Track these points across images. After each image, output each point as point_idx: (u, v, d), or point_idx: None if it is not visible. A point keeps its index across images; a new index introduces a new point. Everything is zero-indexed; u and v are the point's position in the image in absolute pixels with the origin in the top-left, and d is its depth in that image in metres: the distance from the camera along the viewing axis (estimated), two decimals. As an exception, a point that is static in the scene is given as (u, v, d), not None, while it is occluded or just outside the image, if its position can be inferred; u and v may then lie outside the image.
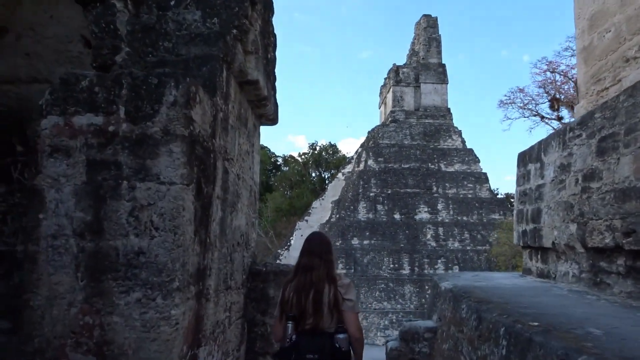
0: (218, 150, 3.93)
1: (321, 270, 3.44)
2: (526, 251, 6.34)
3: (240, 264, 4.99)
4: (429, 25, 37.45)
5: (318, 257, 3.50)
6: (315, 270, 3.44)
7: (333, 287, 3.39)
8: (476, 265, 32.52)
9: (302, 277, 3.46)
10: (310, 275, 3.43)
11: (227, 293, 4.43)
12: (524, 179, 6.24)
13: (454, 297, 4.71)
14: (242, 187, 4.95)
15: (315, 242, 3.65)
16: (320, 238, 3.73)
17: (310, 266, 3.47)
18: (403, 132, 36.29)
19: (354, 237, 32.46)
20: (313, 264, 3.47)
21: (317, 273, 3.43)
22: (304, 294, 3.38)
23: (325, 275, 3.43)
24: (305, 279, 3.43)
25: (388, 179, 34.73)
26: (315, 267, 3.45)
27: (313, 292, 3.37)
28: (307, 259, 3.53)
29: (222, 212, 4.09)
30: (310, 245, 3.62)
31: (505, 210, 35.25)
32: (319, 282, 3.39)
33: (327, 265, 3.49)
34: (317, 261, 3.48)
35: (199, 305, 3.50)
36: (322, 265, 3.47)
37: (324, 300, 3.34)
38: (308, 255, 3.55)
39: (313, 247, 3.59)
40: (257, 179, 5.97)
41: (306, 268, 3.49)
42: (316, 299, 3.34)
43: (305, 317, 3.36)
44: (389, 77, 38.22)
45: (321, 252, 3.54)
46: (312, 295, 3.35)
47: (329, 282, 3.41)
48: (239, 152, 4.83)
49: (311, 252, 3.55)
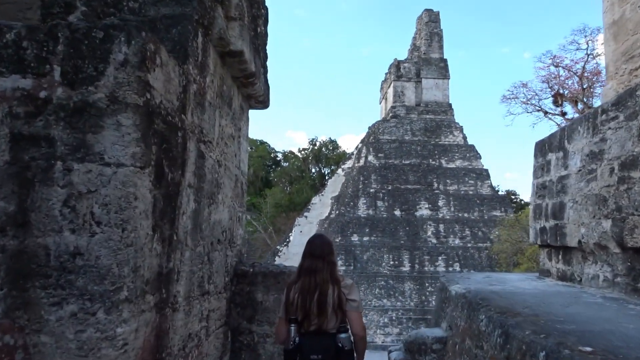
0: (190, 129, 3.23)
1: (325, 272, 3.44)
2: (544, 250, 5.66)
3: (222, 264, 4.30)
4: (431, 20, 36.67)
5: (321, 259, 3.49)
6: (318, 272, 3.44)
7: (337, 288, 3.41)
8: (477, 263, 31.85)
9: (306, 279, 3.44)
10: (315, 277, 3.42)
11: (204, 299, 3.75)
12: (543, 171, 5.55)
13: (469, 305, 4.03)
14: (224, 176, 4.25)
15: (318, 244, 3.62)
16: (322, 240, 3.70)
17: (313, 268, 3.46)
18: (404, 128, 35.57)
19: (354, 234, 31.79)
20: (316, 266, 3.46)
21: (321, 275, 3.43)
22: (309, 296, 3.38)
23: (329, 277, 3.44)
24: (310, 281, 3.42)
25: (388, 175, 34.03)
26: (318, 269, 3.45)
27: (318, 293, 3.37)
28: (310, 261, 3.51)
29: (195, 204, 3.40)
30: (313, 247, 3.59)
31: (506, 207, 34.57)
32: (323, 284, 3.40)
33: (330, 267, 3.49)
34: (320, 263, 3.47)
35: (161, 317, 2.81)
36: (325, 267, 3.46)
37: (329, 301, 3.36)
38: (311, 257, 3.53)
39: (315, 249, 3.57)
40: (245, 168, 5.27)
41: (310, 270, 3.47)
42: (321, 300, 3.36)
43: (310, 318, 3.37)
44: (390, 72, 37.47)
45: (323, 253, 3.53)
46: (317, 297, 3.37)
47: (332, 283, 3.42)
48: (221, 136, 4.14)
49: (314, 255, 3.53)
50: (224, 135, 4.23)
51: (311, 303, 3.36)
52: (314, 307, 3.35)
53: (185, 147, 3.13)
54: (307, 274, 3.46)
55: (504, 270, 30.61)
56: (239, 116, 4.90)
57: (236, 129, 4.75)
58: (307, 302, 3.37)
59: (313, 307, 3.35)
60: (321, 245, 3.60)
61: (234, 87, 4.57)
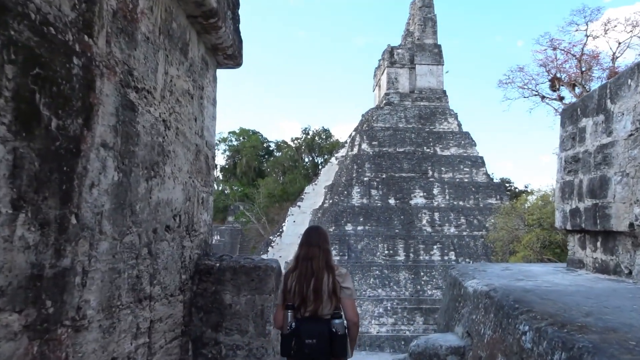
0: (104, 63, 2.17)
1: (320, 259, 3.55)
2: (575, 236, 4.65)
3: (175, 258, 3.25)
4: (425, 5, 35.46)
5: (317, 247, 3.61)
6: (314, 259, 3.55)
7: (332, 275, 3.52)
8: (472, 252, 30.99)
9: (303, 267, 3.55)
10: (311, 264, 3.54)
11: (143, 307, 2.70)
12: (574, 141, 4.53)
13: (499, 308, 3.01)
14: (175, 143, 3.19)
15: (314, 233, 3.75)
16: (318, 230, 3.83)
17: (310, 256, 3.57)
18: (398, 115, 34.48)
19: (348, 223, 30.80)
20: (312, 254, 3.58)
21: (317, 262, 3.54)
22: (305, 283, 3.48)
23: (324, 264, 3.55)
24: (307, 268, 3.53)
25: (382, 163, 33.00)
26: (314, 256, 3.56)
27: (314, 280, 3.48)
28: (306, 250, 3.62)
29: (119, 175, 2.34)
30: (309, 236, 3.72)
31: (502, 195, 33.66)
32: (319, 271, 3.51)
33: (325, 255, 3.61)
34: (316, 251, 3.58)
35: (45, 344, 1.76)
36: (320, 254, 3.58)
37: (324, 287, 3.47)
38: (307, 245, 3.64)
39: (311, 238, 3.69)
40: (212, 139, 4.20)
41: (306, 258, 3.58)
42: (317, 287, 3.46)
43: (307, 304, 3.47)
44: (383, 59, 36.29)
45: (319, 242, 3.65)
46: (313, 283, 3.47)
47: (327, 270, 3.53)
48: (169, 88, 3.07)
49: (310, 243, 3.65)
50: (174, 89, 3.16)
51: (308, 289, 3.46)
52: (310, 294, 3.45)
53: (92, 85, 2.06)
54: (304, 261, 3.57)
55: (499, 258, 29.77)
56: (202, 72, 3.83)
57: (196, 87, 3.68)
58: (304, 288, 3.47)
59: (309, 293, 3.46)
60: (317, 235, 3.72)
61: (190, 30, 3.49)
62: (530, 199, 33.27)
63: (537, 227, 28.00)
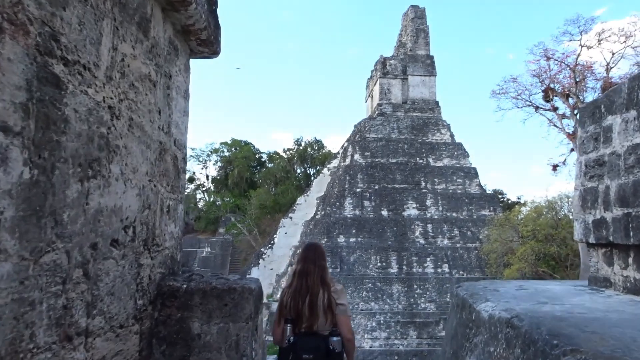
0: (4, 13, 1.55)
1: (315, 275, 3.58)
2: (599, 251, 4.06)
3: (127, 280, 2.60)
4: (417, 16, 35.23)
5: (312, 264, 3.64)
6: (310, 275, 3.58)
7: (327, 291, 3.54)
8: (466, 264, 30.41)
9: (298, 283, 3.59)
10: (306, 281, 3.56)
11: (73, 347, 2.05)
12: (597, 142, 3.97)
13: (529, 343, 2.40)
14: (129, 137, 2.56)
15: (310, 250, 3.75)
16: (315, 246, 3.83)
17: (305, 272, 3.61)
18: (390, 126, 34.03)
19: (340, 235, 30.14)
20: (308, 270, 3.61)
21: (312, 278, 3.56)
22: (300, 298, 3.51)
23: (320, 280, 3.57)
24: (302, 284, 3.56)
25: (375, 174, 32.46)
26: (310, 272, 3.59)
27: (309, 296, 3.50)
28: (302, 265, 3.65)
29: (32, 171, 1.71)
30: (305, 253, 3.74)
31: (495, 206, 33.20)
32: (314, 286, 3.53)
33: (321, 272, 3.62)
34: (311, 267, 3.61)
35: None
36: (316, 270, 3.61)
37: (319, 303, 3.48)
38: (304, 261, 3.67)
39: (308, 254, 3.71)
40: (183, 138, 3.58)
41: (302, 274, 3.62)
42: (312, 303, 3.48)
43: (302, 319, 3.49)
44: (375, 69, 35.93)
45: (315, 258, 3.67)
46: (308, 299, 3.49)
47: (322, 286, 3.55)
48: (120, 68, 2.45)
49: (306, 259, 3.67)
50: (128, 71, 2.54)
51: (303, 305, 3.47)
52: (305, 309, 3.46)
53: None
54: (299, 277, 3.60)
55: (494, 271, 29.18)
56: (169, 57, 3.22)
57: (161, 73, 3.07)
58: (299, 304, 3.49)
59: (305, 309, 3.46)
60: (313, 251, 3.73)
61: (153, 4, 2.88)
62: (523, 211, 32.85)
63: (531, 239, 27.51)
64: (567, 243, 27.02)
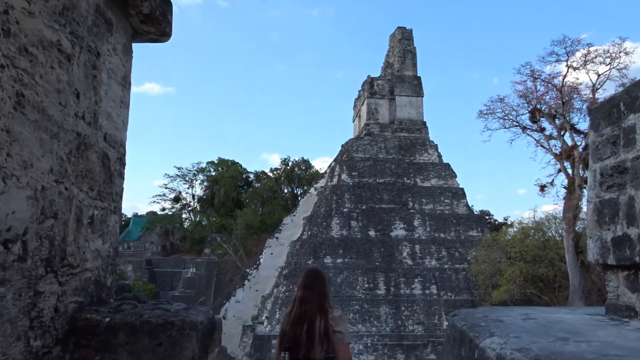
0: None
1: (314, 302, 3.55)
2: (621, 274, 3.40)
3: (12, 316, 1.86)
4: (404, 37, 35.14)
5: (311, 290, 3.62)
6: (309, 302, 3.56)
7: (324, 318, 3.49)
8: (454, 285, 29.68)
9: (297, 310, 3.57)
10: (305, 307, 3.54)
11: None
12: (615, 146, 3.35)
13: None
14: (16, 119, 1.86)
15: (311, 276, 3.74)
16: (315, 272, 3.83)
17: (304, 298, 3.58)
18: (378, 146, 33.56)
19: (327, 255, 29.30)
20: (307, 296, 3.60)
21: (311, 305, 3.53)
22: (299, 326, 3.49)
23: (318, 307, 3.53)
24: (300, 311, 3.55)
25: (362, 194, 31.82)
26: (308, 299, 3.58)
27: (307, 323, 3.47)
28: (302, 292, 3.62)
29: None
30: (305, 279, 3.71)
31: (483, 227, 32.68)
32: (312, 313, 3.50)
33: (320, 298, 3.59)
34: (310, 294, 3.60)
35: None
36: (315, 297, 3.58)
37: (315, 331, 3.44)
38: (304, 288, 3.64)
39: (308, 280, 3.69)
40: (120, 134, 2.88)
41: (302, 300, 3.59)
42: (309, 330, 3.45)
43: (300, 347, 3.46)
44: (363, 89, 35.62)
45: (315, 285, 3.66)
46: (306, 327, 3.46)
47: (320, 313, 3.51)
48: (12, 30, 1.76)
49: (306, 286, 3.65)
50: (16, 28, 1.86)
51: (301, 333, 3.46)
52: (302, 336, 3.44)
53: None
54: (299, 303, 3.59)
55: (482, 292, 28.46)
56: (97, 31, 2.54)
57: (84, 48, 2.38)
58: (297, 331, 3.48)
59: (302, 336, 3.45)
60: (314, 277, 3.75)
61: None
62: (510, 232, 32.35)
63: (519, 260, 26.93)
64: (555, 264, 26.50)
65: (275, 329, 27.06)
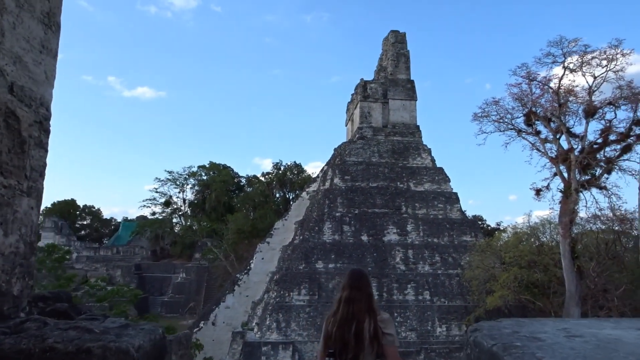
0: None
1: (362, 302, 3.43)
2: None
3: None
4: (397, 41, 34.58)
5: (358, 290, 3.48)
6: (356, 302, 3.43)
7: (373, 320, 3.39)
8: (448, 291, 28.94)
9: (344, 310, 3.43)
10: (352, 307, 3.41)
11: None
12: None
13: None
14: None
15: (356, 276, 3.61)
16: (361, 272, 3.70)
17: (352, 298, 3.45)
18: (371, 149, 32.88)
19: (319, 260, 28.49)
20: (354, 297, 3.45)
21: (359, 305, 3.42)
22: (346, 327, 3.37)
23: (367, 307, 3.43)
24: (347, 312, 3.41)
25: (355, 198, 31.08)
26: (356, 299, 3.44)
27: (355, 325, 3.36)
28: (348, 292, 3.48)
29: None
30: (351, 279, 3.58)
31: (476, 231, 32.04)
32: (360, 314, 3.39)
33: (368, 299, 3.48)
34: (358, 294, 3.47)
35: None
36: (363, 297, 3.46)
37: (365, 333, 3.34)
38: (349, 288, 3.50)
39: (354, 280, 3.56)
40: (40, 90, 2.11)
41: (348, 301, 3.45)
42: (358, 332, 3.34)
43: (348, 349, 3.34)
44: (356, 93, 34.97)
45: (361, 285, 3.52)
46: (354, 328, 3.35)
47: (369, 314, 3.40)
48: None
49: (352, 286, 3.50)
50: None
51: (349, 334, 3.33)
52: (351, 339, 3.32)
53: None
54: (345, 304, 3.44)
55: (476, 298, 27.72)
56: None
57: None
58: (344, 333, 3.34)
59: (350, 338, 3.32)
60: (359, 277, 3.59)
61: None
62: (504, 237, 31.73)
63: (514, 265, 26.27)
64: (550, 270, 25.90)
65: (266, 336, 26.14)
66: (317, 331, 26.37)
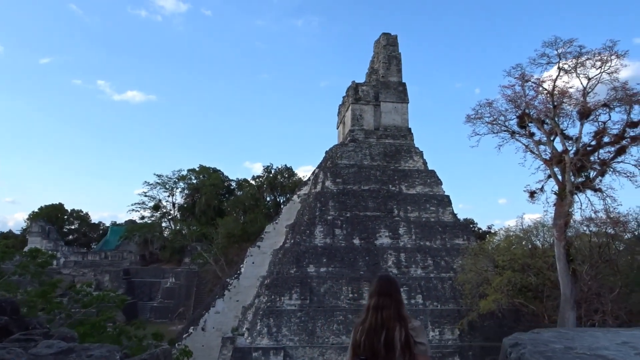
0: None
1: (392, 309, 3.33)
2: None
3: None
4: (389, 43, 34.22)
5: (388, 297, 3.38)
6: (386, 309, 3.33)
7: (404, 328, 3.28)
8: (440, 294, 28.47)
9: (373, 318, 3.33)
10: (382, 314, 3.31)
11: None
12: None
13: None
14: None
15: (385, 282, 3.51)
16: (390, 278, 3.59)
17: (381, 305, 3.35)
18: (362, 152, 32.39)
19: (310, 264, 27.86)
20: (384, 304, 3.36)
21: (388, 312, 3.32)
22: (375, 336, 3.27)
23: (397, 314, 3.31)
24: (377, 319, 3.31)
25: (347, 201, 30.54)
26: (386, 306, 3.35)
27: (385, 333, 3.25)
28: (377, 299, 3.41)
29: None
30: (380, 285, 3.49)
31: (468, 235, 31.63)
32: (389, 321, 3.29)
33: (397, 306, 3.37)
34: (387, 301, 3.37)
35: None
36: (392, 304, 3.36)
37: (396, 341, 3.24)
38: (378, 295, 3.43)
39: (383, 287, 3.47)
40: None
41: (377, 307, 3.36)
42: (388, 340, 3.24)
43: (378, 359, 3.24)
44: (347, 95, 34.51)
45: (390, 291, 3.43)
46: (384, 337, 3.25)
47: (399, 321, 3.29)
48: None
49: (381, 292, 3.43)
50: None
51: (379, 343, 3.23)
52: (381, 348, 3.22)
53: None
54: (374, 311, 3.34)
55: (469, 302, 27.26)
56: None
57: None
58: (374, 342, 3.24)
59: (380, 347, 3.23)
60: (388, 283, 3.46)
61: None
62: (496, 240, 31.38)
63: (507, 269, 25.87)
64: (544, 273, 25.53)
65: (256, 341, 25.45)
66: (308, 336, 25.70)
